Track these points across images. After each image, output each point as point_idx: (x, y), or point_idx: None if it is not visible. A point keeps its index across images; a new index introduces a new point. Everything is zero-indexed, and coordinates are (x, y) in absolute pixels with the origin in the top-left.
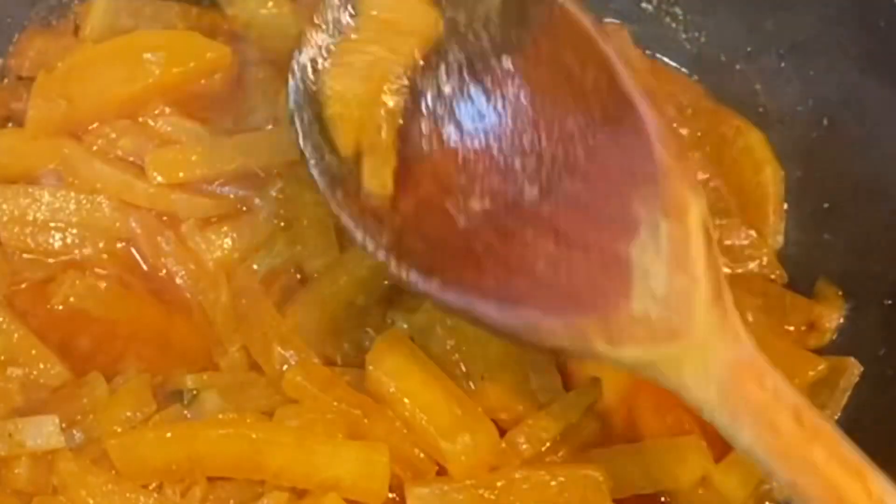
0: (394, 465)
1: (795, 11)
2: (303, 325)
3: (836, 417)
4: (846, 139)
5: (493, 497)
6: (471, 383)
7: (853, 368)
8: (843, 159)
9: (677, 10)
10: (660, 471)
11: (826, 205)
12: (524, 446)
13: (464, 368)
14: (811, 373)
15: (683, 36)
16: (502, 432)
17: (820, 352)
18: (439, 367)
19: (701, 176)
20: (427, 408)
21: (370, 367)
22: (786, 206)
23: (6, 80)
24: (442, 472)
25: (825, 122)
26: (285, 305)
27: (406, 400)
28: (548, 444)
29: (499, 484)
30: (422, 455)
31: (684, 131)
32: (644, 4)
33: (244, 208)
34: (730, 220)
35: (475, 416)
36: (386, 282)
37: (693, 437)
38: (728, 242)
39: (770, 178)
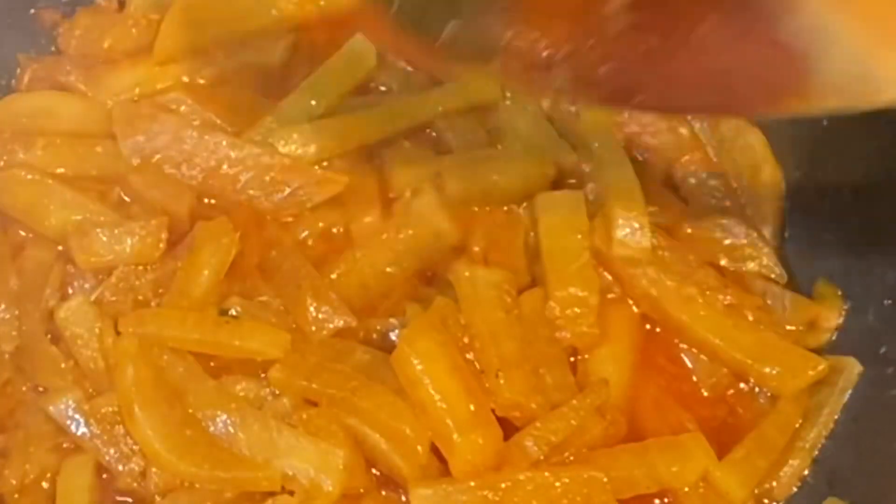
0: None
1: None
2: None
3: (836, 417)
4: (846, 139)
5: (496, 499)
6: (485, 380)
7: (853, 368)
8: (843, 159)
9: None
10: (663, 469)
11: (827, 205)
12: (532, 449)
13: (478, 366)
14: (811, 372)
15: None
16: (514, 430)
17: (820, 351)
18: None
19: (701, 175)
20: (447, 397)
21: (403, 344)
22: (786, 206)
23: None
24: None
25: (825, 122)
26: (324, 266)
27: (428, 382)
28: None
29: (503, 485)
30: (409, 431)
31: (684, 130)
32: None
33: None
34: (729, 220)
35: (486, 417)
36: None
37: (695, 435)
38: (728, 242)
39: (769, 177)
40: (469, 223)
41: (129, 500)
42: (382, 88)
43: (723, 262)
